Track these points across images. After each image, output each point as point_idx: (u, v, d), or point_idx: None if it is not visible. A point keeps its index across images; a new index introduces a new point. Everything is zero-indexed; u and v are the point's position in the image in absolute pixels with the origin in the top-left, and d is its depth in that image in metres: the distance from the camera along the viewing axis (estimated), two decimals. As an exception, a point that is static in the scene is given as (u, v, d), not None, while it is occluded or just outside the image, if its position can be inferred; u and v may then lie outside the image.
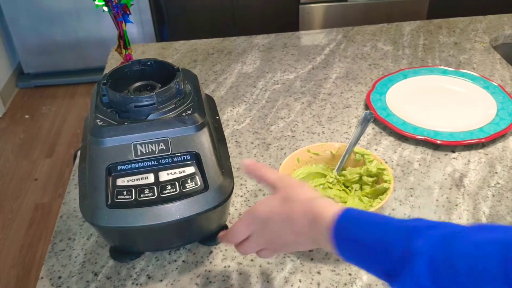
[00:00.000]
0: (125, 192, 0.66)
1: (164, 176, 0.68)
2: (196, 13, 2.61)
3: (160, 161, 0.68)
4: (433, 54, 1.30)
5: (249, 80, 1.22)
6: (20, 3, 2.76)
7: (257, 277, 0.72)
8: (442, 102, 1.09)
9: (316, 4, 2.48)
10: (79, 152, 0.79)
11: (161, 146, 0.68)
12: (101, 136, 0.67)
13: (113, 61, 1.31)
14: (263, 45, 1.39)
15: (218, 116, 0.83)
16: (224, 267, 0.74)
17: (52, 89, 3.04)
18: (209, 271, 0.74)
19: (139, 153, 0.67)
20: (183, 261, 0.75)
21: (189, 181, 0.68)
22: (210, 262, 0.75)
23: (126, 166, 0.67)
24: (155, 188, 0.67)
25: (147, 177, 0.67)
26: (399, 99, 1.09)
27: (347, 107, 1.09)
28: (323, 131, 1.02)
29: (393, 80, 1.15)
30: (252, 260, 0.75)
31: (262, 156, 0.96)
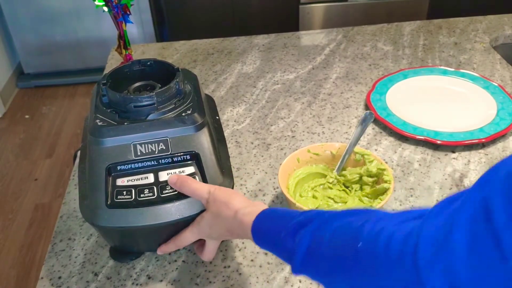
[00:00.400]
0: (125, 192, 0.66)
1: (164, 176, 0.68)
2: (196, 13, 2.61)
3: (160, 161, 0.68)
4: (433, 54, 1.30)
5: (249, 80, 1.22)
6: (20, 3, 2.76)
7: (257, 277, 0.72)
8: (442, 102, 1.09)
9: (316, 4, 2.48)
10: (79, 152, 0.79)
11: (161, 146, 0.68)
12: (101, 136, 0.67)
13: (113, 61, 1.31)
14: (263, 45, 1.39)
15: (218, 116, 0.83)
16: (224, 267, 0.74)
17: (52, 89, 3.04)
18: (209, 271, 0.74)
19: (138, 153, 0.67)
20: (183, 261, 0.75)
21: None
22: (210, 262, 0.75)
23: (126, 166, 0.67)
24: (155, 188, 0.67)
25: (147, 177, 0.67)
26: (399, 99, 1.09)
27: (347, 107, 1.09)
28: (323, 131, 1.02)
29: (393, 80, 1.15)
30: (252, 260, 0.75)
31: (262, 156, 0.96)
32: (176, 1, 2.57)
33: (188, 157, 0.68)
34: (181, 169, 0.68)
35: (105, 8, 0.93)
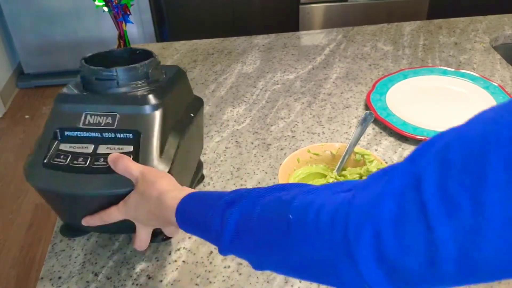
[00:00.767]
0: (62, 156, 0.68)
1: (103, 149, 0.68)
2: (196, 13, 2.62)
3: (103, 134, 0.69)
4: (433, 54, 1.30)
5: (249, 80, 1.22)
6: (20, 3, 2.77)
7: (257, 277, 0.72)
8: (442, 102, 1.09)
9: (316, 4, 2.48)
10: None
11: (108, 120, 0.69)
12: (58, 101, 0.71)
13: (113, 61, 1.31)
14: (263, 45, 1.39)
15: (194, 115, 0.81)
16: (224, 267, 0.74)
17: (52, 89, 3.04)
18: (209, 272, 0.74)
19: (86, 123, 0.69)
20: (183, 261, 0.75)
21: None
22: (210, 263, 0.75)
23: (72, 133, 0.70)
24: (89, 158, 0.68)
25: (87, 147, 0.69)
26: (399, 99, 1.09)
27: (347, 107, 1.09)
28: (323, 131, 1.02)
29: (393, 80, 1.15)
30: (252, 260, 0.75)
31: (262, 156, 0.96)
32: (176, 1, 2.57)
33: (131, 135, 0.69)
34: (120, 146, 0.68)
35: (105, 8, 0.93)
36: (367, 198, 0.38)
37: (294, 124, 1.05)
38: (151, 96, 0.69)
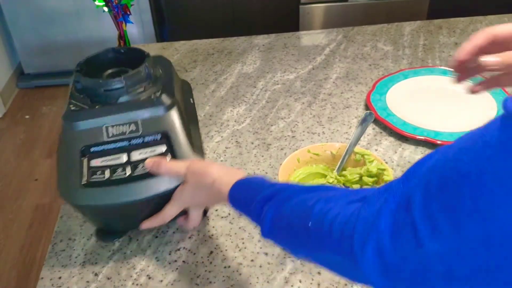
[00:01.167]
0: (98, 172, 0.68)
1: (136, 155, 0.70)
2: (196, 13, 2.61)
3: (131, 141, 0.71)
4: (433, 54, 1.30)
5: (249, 80, 1.22)
6: (20, 4, 2.77)
7: (257, 277, 0.72)
8: (442, 102, 1.09)
9: (316, 4, 2.48)
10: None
11: (132, 127, 0.71)
12: (73, 120, 0.70)
13: (113, 61, 1.31)
14: (263, 45, 1.39)
15: (192, 99, 0.84)
16: (225, 267, 0.74)
17: (53, 89, 3.03)
18: (209, 272, 0.74)
19: (110, 135, 0.70)
20: (183, 261, 0.75)
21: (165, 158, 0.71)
22: (210, 263, 0.75)
23: (99, 148, 0.70)
24: (127, 167, 0.69)
25: (120, 157, 0.70)
26: (400, 100, 1.09)
27: (347, 107, 1.09)
28: (323, 131, 1.02)
29: (393, 80, 1.15)
30: (252, 260, 0.75)
31: (262, 156, 0.96)
32: (176, 1, 2.57)
33: (159, 137, 0.71)
34: (152, 149, 0.70)
35: (105, 8, 0.93)
36: (369, 213, 0.42)
37: (294, 124, 1.05)
38: (164, 97, 0.73)
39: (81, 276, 0.74)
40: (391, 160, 0.93)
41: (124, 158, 0.70)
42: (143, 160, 0.69)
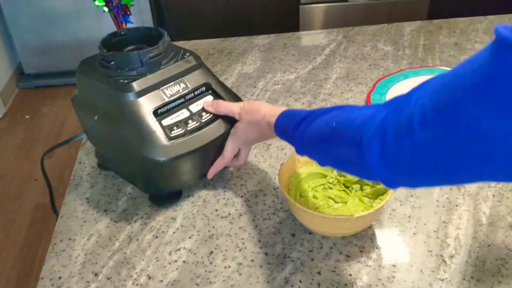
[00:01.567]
0: (174, 128, 0.79)
1: (194, 108, 0.82)
2: (196, 14, 2.61)
3: (185, 97, 0.82)
4: (434, 54, 1.30)
5: (250, 80, 1.22)
6: (21, 4, 2.77)
7: (258, 277, 0.72)
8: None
9: (317, 4, 2.48)
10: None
11: (181, 85, 0.82)
12: (130, 90, 0.77)
13: (114, 61, 1.31)
14: (263, 45, 1.39)
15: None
16: (225, 267, 0.74)
17: (53, 89, 3.04)
18: (209, 272, 0.74)
19: (169, 96, 0.80)
20: (183, 261, 0.75)
21: None
22: (211, 263, 0.75)
23: (164, 109, 0.79)
24: (194, 118, 0.81)
25: (183, 112, 0.81)
26: (400, 100, 1.09)
27: (348, 108, 1.09)
28: (323, 132, 1.02)
29: (393, 80, 1.15)
30: (252, 260, 0.75)
31: (263, 156, 0.96)
32: (176, 1, 2.57)
33: (204, 88, 0.85)
34: (203, 99, 0.84)
35: (106, 9, 0.93)
36: (381, 115, 0.52)
37: (294, 124, 1.05)
38: (194, 55, 0.86)
39: (81, 276, 0.74)
40: (391, 160, 0.93)
41: (186, 112, 0.81)
42: (202, 110, 0.82)
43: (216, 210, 0.84)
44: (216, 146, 0.83)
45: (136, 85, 0.77)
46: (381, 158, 0.50)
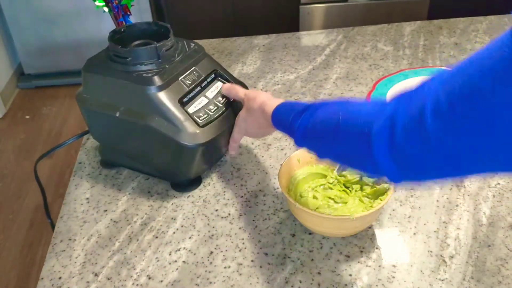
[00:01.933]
0: (201, 113, 0.82)
1: (210, 94, 0.86)
2: (196, 14, 2.62)
3: (201, 85, 0.86)
4: (434, 54, 1.30)
5: (250, 80, 1.22)
6: (21, 4, 2.77)
7: (258, 277, 0.72)
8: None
9: (317, 4, 2.48)
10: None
11: (196, 74, 0.86)
12: (158, 82, 0.79)
13: (114, 61, 1.31)
14: (263, 45, 1.39)
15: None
16: (225, 267, 0.74)
17: (53, 89, 3.04)
18: (209, 272, 0.74)
19: (187, 85, 0.83)
20: (183, 261, 0.75)
21: None
22: (211, 263, 0.75)
23: (187, 98, 0.82)
24: (215, 103, 0.85)
25: (202, 100, 0.85)
26: (400, 100, 1.09)
27: (348, 108, 1.09)
28: (323, 132, 1.02)
29: (393, 80, 1.15)
30: (252, 260, 0.75)
31: (263, 156, 0.96)
32: (176, 1, 2.57)
33: (213, 75, 0.89)
34: (215, 86, 0.88)
35: (106, 9, 0.93)
36: (389, 108, 0.51)
37: (295, 124, 1.05)
38: (198, 47, 0.90)
39: (81, 277, 0.74)
40: (391, 161, 0.93)
41: (205, 99, 0.85)
42: (218, 94, 0.87)
43: (216, 210, 0.84)
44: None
45: (160, 78, 0.80)
46: (389, 150, 0.49)
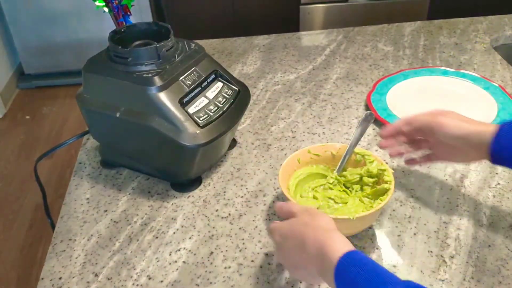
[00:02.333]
0: (201, 114, 0.82)
1: (210, 94, 0.86)
2: (196, 14, 2.62)
3: (201, 85, 0.85)
4: (434, 54, 1.30)
5: (250, 80, 1.22)
6: (21, 4, 2.77)
7: (258, 278, 0.72)
8: (442, 102, 1.09)
9: (317, 4, 2.48)
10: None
11: (196, 74, 0.85)
12: (159, 82, 0.79)
13: (114, 61, 1.31)
14: (263, 45, 1.39)
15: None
16: (225, 268, 0.74)
17: (53, 90, 3.04)
18: (209, 272, 0.74)
19: (188, 85, 0.83)
20: (183, 262, 0.75)
21: (226, 90, 0.89)
22: (211, 263, 0.75)
23: (187, 98, 0.82)
24: (214, 103, 0.85)
25: (202, 100, 0.84)
26: (400, 100, 1.09)
27: (348, 108, 1.09)
28: (323, 132, 1.02)
29: (393, 80, 1.15)
30: (252, 261, 0.75)
31: (263, 156, 0.96)
32: (176, 1, 2.57)
33: (214, 76, 0.88)
34: (215, 86, 0.88)
35: (106, 9, 0.93)
36: None
37: (295, 124, 1.05)
38: (198, 47, 0.90)
39: (81, 277, 0.74)
40: (391, 161, 0.93)
41: (205, 99, 0.84)
42: (218, 95, 0.86)
43: (216, 211, 0.84)
44: (235, 129, 0.91)
45: (160, 78, 0.80)
46: None
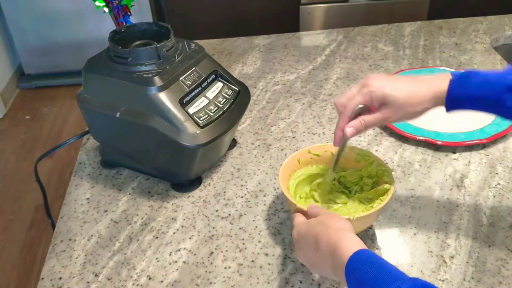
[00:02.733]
0: (201, 114, 0.82)
1: (210, 94, 0.86)
2: (196, 14, 2.62)
3: (201, 85, 0.85)
4: (434, 54, 1.30)
5: (250, 81, 1.22)
6: (21, 4, 2.77)
7: (258, 278, 0.72)
8: (442, 102, 1.09)
9: (317, 4, 2.48)
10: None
11: (196, 74, 0.85)
12: (160, 82, 0.79)
13: (114, 62, 1.31)
14: (263, 45, 1.39)
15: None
16: (225, 268, 0.74)
17: (53, 90, 3.04)
18: (209, 272, 0.74)
19: (188, 85, 0.83)
20: (183, 262, 0.75)
21: (226, 90, 0.89)
22: (211, 263, 0.75)
23: (187, 98, 0.82)
24: (215, 103, 0.85)
25: (202, 100, 0.84)
26: (400, 100, 1.09)
27: (348, 108, 1.09)
28: (323, 132, 1.02)
29: (393, 80, 1.15)
30: (252, 261, 0.75)
31: (263, 157, 0.96)
32: (176, 1, 2.57)
33: (214, 76, 0.88)
34: (215, 86, 0.88)
35: (106, 9, 0.93)
36: None
37: (295, 124, 1.05)
38: (198, 48, 0.90)
39: (81, 277, 0.74)
40: (392, 161, 0.93)
41: (205, 99, 0.85)
42: (218, 95, 0.87)
43: (216, 211, 0.84)
44: (235, 129, 0.91)
45: (160, 78, 0.80)
46: None
